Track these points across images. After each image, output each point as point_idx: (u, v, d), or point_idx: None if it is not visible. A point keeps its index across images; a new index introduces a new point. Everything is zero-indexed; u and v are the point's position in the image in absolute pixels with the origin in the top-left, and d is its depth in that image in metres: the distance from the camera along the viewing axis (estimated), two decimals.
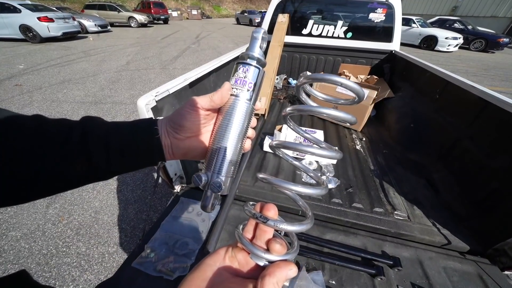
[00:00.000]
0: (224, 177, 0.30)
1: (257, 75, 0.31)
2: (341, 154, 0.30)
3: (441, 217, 0.99)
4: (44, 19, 7.75)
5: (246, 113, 0.31)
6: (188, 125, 0.31)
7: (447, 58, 8.47)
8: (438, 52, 9.64)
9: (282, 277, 0.23)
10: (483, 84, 4.78)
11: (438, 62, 7.73)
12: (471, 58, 8.85)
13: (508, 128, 0.90)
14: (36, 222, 1.65)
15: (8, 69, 5.11)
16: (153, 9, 15.81)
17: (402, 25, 8.53)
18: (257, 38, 0.31)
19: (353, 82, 0.27)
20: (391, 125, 1.65)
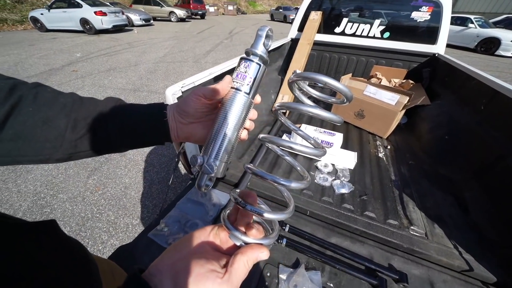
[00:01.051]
0: (218, 161, 0.33)
1: (257, 70, 0.33)
2: (324, 151, 0.31)
3: (465, 240, 0.90)
4: (99, 13, 8.70)
5: (244, 106, 0.33)
6: (191, 112, 0.35)
7: (510, 65, 7.28)
8: (499, 57, 8.33)
9: (253, 257, 0.26)
10: None
11: (497, 68, 6.70)
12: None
13: None
14: (78, 189, 1.92)
15: (68, 56, 5.90)
16: (192, 5, 16.54)
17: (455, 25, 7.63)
18: (261, 36, 0.33)
19: (341, 83, 0.28)
20: (423, 135, 1.52)
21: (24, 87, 0.31)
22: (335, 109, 1.82)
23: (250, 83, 0.33)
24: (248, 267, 0.25)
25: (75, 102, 0.34)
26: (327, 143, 1.25)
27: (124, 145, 0.36)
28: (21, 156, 0.31)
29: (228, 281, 0.23)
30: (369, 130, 1.64)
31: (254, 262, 0.26)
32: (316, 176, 1.18)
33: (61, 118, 0.32)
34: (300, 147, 0.30)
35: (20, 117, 0.30)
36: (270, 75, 2.14)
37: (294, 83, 0.33)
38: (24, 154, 0.31)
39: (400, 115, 1.49)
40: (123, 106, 0.37)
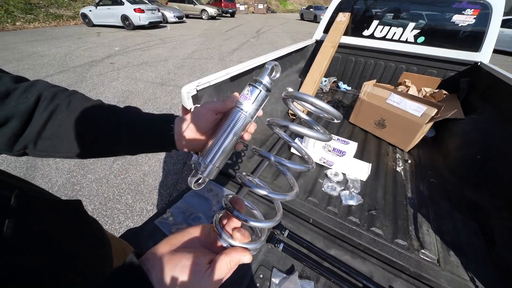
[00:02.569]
0: (210, 164, 0.36)
1: (258, 95, 0.37)
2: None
3: (485, 275, 0.81)
4: (138, 10, 9.36)
5: (242, 122, 0.37)
6: (202, 126, 0.39)
7: None
8: None
9: (235, 259, 0.27)
10: None
11: None
12: None
13: None
14: (104, 172, 2.11)
15: (108, 50, 6.46)
16: (224, 3, 16.94)
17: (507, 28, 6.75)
18: (267, 68, 0.37)
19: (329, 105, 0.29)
20: (451, 152, 1.38)
21: (62, 95, 0.38)
22: (356, 115, 1.74)
23: (249, 103, 0.37)
24: (230, 267, 0.27)
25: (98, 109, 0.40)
26: (339, 151, 1.21)
27: (133, 150, 0.42)
28: (55, 152, 0.38)
29: (209, 277, 0.25)
30: (390, 141, 1.54)
31: (236, 264, 0.28)
32: (324, 184, 1.15)
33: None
34: (306, 130, 0.31)
35: (56, 121, 0.36)
36: (290, 77, 2.12)
37: (288, 99, 0.35)
38: (58, 151, 0.38)
39: (426, 128, 1.37)
40: (137, 115, 0.41)
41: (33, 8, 10.51)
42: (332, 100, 2.20)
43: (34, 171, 2.10)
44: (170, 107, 3.36)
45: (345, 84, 2.48)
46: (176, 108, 3.33)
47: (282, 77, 1.99)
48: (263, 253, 0.83)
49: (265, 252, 0.83)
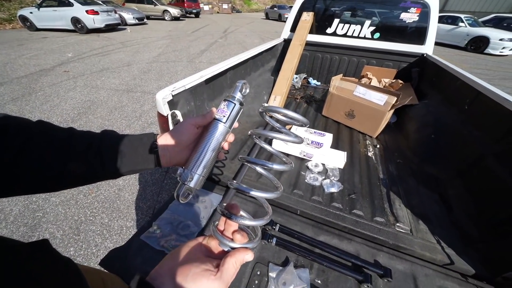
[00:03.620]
0: (196, 174, 0.38)
1: (233, 108, 0.41)
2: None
3: (448, 236, 0.94)
4: (91, 12, 8.54)
5: (221, 133, 0.41)
6: (184, 140, 0.41)
7: (498, 63, 7.47)
8: (488, 56, 8.53)
9: (240, 259, 0.29)
10: None
11: (486, 66, 6.87)
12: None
13: None
14: (71, 193, 1.90)
15: (59, 56, 5.79)
16: (186, 3, 16.38)
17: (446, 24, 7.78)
18: (238, 86, 0.42)
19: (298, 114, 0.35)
20: (410, 134, 1.56)
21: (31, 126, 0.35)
22: (327, 108, 1.86)
23: (227, 116, 0.41)
24: (236, 267, 0.29)
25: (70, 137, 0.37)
26: (317, 143, 1.28)
27: (116, 173, 0.40)
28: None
29: (220, 278, 0.27)
30: (360, 129, 1.68)
31: (241, 263, 0.30)
32: (306, 176, 1.21)
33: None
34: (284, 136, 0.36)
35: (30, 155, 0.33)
36: (263, 76, 2.16)
37: (263, 112, 0.39)
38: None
39: (389, 115, 1.53)
40: (118, 137, 0.40)
41: None
42: (305, 96, 2.31)
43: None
44: (140, 115, 3.15)
45: (314, 79, 2.62)
46: (147, 115, 3.15)
47: (256, 76, 2.02)
48: (258, 250, 0.84)
49: (259, 249, 0.85)
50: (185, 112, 1.04)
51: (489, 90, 1.12)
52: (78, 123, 2.90)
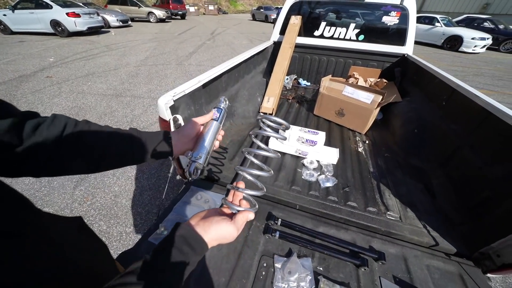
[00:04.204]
0: (203, 154, 0.53)
1: (221, 112, 0.60)
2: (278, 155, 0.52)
3: (433, 221, 1.04)
4: (72, 15, 8.22)
5: (217, 127, 0.58)
6: (192, 134, 0.57)
7: (472, 60, 7.99)
8: (462, 53, 9.11)
9: (245, 215, 0.42)
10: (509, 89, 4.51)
11: (461, 64, 7.33)
12: (500, 61, 8.28)
13: (506, 139, 0.92)
14: (65, 201, 1.86)
15: (40, 61, 5.54)
16: (172, 5, 16.12)
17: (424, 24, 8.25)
18: (221, 100, 0.62)
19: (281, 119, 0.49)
20: (396, 130, 1.68)
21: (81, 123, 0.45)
22: (319, 107, 1.94)
23: (219, 117, 0.59)
24: (243, 220, 0.42)
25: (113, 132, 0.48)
26: (311, 141, 1.35)
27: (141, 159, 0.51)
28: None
29: (234, 224, 0.40)
30: (349, 127, 1.78)
31: (246, 219, 0.42)
32: (303, 173, 1.28)
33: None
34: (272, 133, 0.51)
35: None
36: (255, 78, 2.21)
37: (260, 120, 0.53)
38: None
39: (376, 112, 1.63)
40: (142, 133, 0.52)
41: None
42: (296, 96, 2.39)
43: None
44: (131, 120, 3.11)
45: (304, 80, 2.71)
46: (139, 120, 3.11)
47: (249, 78, 2.07)
48: (263, 244, 0.90)
49: (264, 243, 0.90)
50: (186, 116, 1.07)
51: (462, 88, 1.24)
52: None
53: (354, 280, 0.79)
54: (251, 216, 0.43)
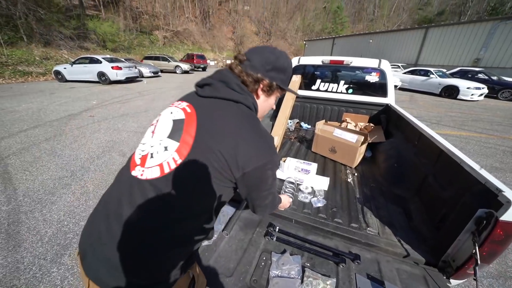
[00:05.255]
0: None
1: None
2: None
3: (407, 237, 1.24)
4: (116, 68, 10.06)
5: None
6: None
7: (471, 107, 8.45)
8: (461, 101, 9.66)
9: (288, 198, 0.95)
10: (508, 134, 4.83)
11: (459, 110, 7.77)
12: (499, 108, 8.67)
13: (451, 169, 1.21)
14: None
15: (85, 103, 6.66)
16: (196, 60, 19.08)
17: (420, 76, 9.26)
18: None
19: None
20: (380, 164, 1.97)
21: None
22: (315, 145, 2.32)
23: None
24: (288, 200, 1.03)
25: None
26: (306, 170, 1.68)
27: None
28: None
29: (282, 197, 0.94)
30: (341, 161, 2.10)
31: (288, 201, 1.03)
32: (299, 195, 1.57)
33: None
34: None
35: None
36: (264, 121, 2.71)
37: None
38: None
39: (362, 149, 1.97)
40: None
41: None
42: (298, 136, 2.81)
43: (18, 225, 2.06)
44: None
45: (305, 123, 3.18)
46: None
47: None
48: (263, 244, 1.15)
49: (264, 243, 1.15)
50: None
51: (426, 132, 1.59)
52: (103, 159, 3.34)
53: (334, 275, 1.00)
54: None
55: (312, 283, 0.92)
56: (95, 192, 2.58)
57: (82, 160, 3.31)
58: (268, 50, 0.71)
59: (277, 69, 0.71)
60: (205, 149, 0.58)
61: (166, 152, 0.59)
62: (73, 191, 2.60)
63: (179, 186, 0.57)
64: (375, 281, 0.97)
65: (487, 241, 0.84)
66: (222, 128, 0.60)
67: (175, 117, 0.64)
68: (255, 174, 0.62)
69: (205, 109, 0.63)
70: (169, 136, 0.61)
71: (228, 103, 0.64)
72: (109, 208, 0.60)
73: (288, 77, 0.78)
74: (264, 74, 0.69)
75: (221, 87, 0.66)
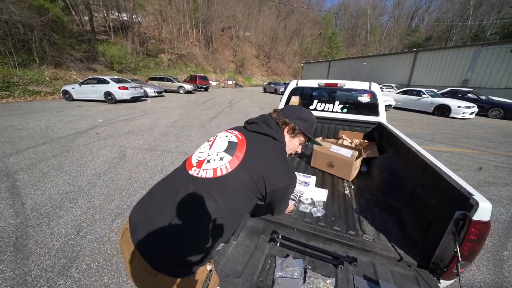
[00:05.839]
0: None
1: None
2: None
3: (400, 243, 1.34)
4: (122, 88, 10.55)
5: None
6: None
7: (463, 125, 8.76)
8: (454, 119, 10.03)
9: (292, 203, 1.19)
10: (499, 150, 5.03)
11: (452, 128, 8.06)
12: (490, 125, 8.99)
13: (433, 180, 1.35)
14: (104, 231, 2.24)
15: (92, 121, 6.91)
16: (199, 81, 19.99)
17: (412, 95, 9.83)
18: None
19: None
20: (375, 177, 2.11)
21: None
22: (314, 160, 2.47)
23: None
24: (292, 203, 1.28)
25: None
26: (305, 183, 1.82)
27: None
28: None
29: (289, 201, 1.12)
30: (338, 175, 2.23)
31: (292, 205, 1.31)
32: (300, 206, 1.68)
33: None
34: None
35: None
36: None
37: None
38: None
39: (357, 163, 2.12)
40: None
41: (10, 85, 10.92)
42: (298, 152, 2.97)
43: (26, 239, 2.11)
44: (161, 169, 3.73)
45: None
46: (167, 170, 3.72)
47: None
48: (268, 249, 1.24)
49: (269, 249, 1.25)
50: None
51: (412, 147, 1.76)
52: (109, 175, 3.45)
53: (333, 276, 1.09)
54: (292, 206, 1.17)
55: (313, 282, 1.02)
56: (102, 206, 2.66)
57: (89, 175, 3.42)
58: (296, 107, 1.08)
59: (300, 118, 1.02)
60: (250, 166, 0.80)
61: (221, 161, 0.81)
62: (80, 205, 2.68)
63: (225, 187, 0.77)
64: (371, 281, 1.06)
65: (465, 239, 0.96)
66: (264, 155, 0.84)
67: (230, 139, 0.88)
68: (280, 191, 0.86)
69: (252, 139, 0.88)
70: (225, 151, 0.84)
71: (267, 138, 0.91)
72: (165, 196, 0.79)
73: (311, 127, 1.06)
74: (290, 120, 1.00)
75: (264, 126, 0.94)
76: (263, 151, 0.85)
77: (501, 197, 3.18)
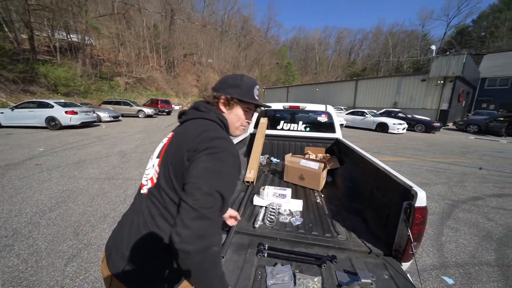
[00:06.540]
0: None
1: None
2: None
3: (368, 238, 1.55)
4: (70, 112, 9.39)
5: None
6: None
7: (399, 138, 10.60)
8: (392, 134, 12.06)
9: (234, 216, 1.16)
10: (428, 157, 6.17)
11: (392, 141, 9.65)
12: (418, 138, 11.10)
13: (384, 181, 1.66)
14: (55, 279, 1.86)
15: (29, 151, 5.86)
16: (160, 105, 19.25)
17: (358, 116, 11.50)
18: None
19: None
20: (339, 185, 2.40)
21: None
22: (286, 175, 2.66)
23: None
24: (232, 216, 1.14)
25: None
26: (282, 195, 1.95)
27: None
28: None
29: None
30: (309, 186, 2.46)
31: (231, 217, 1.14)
32: (280, 217, 1.78)
33: None
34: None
35: None
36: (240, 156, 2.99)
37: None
38: None
39: (323, 174, 2.39)
40: None
41: None
42: (270, 169, 3.14)
43: None
44: (124, 199, 3.37)
45: (275, 158, 3.59)
46: (132, 199, 3.38)
47: None
48: (256, 261, 1.28)
49: (258, 260, 1.29)
50: None
51: (366, 156, 2.12)
52: (57, 211, 2.93)
53: (319, 274, 1.20)
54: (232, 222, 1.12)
55: (303, 283, 1.10)
56: (50, 249, 2.23)
57: (28, 214, 2.84)
58: (228, 76, 0.90)
59: (231, 86, 0.86)
60: (168, 156, 0.73)
61: (153, 168, 0.78)
62: (17, 252, 2.18)
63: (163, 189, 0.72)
64: (350, 273, 1.20)
65: (413, 224, 1.22)
66: (183, 137, 0.75)
67: (162, 143, 0.84)
68: (201, 155, 0.68)
69: (179, 130, 0.82)
70: (157, 157, 0.79)
71: (193, 121, 0.81)
72: (132, 219, 0.77)
73: (246, 91, 0.86)
74: (221, 92, 0.86)
75: (191, 112, 0.85)
76: (182, 134, 0.76)
77: (433, 194, 3.91)
